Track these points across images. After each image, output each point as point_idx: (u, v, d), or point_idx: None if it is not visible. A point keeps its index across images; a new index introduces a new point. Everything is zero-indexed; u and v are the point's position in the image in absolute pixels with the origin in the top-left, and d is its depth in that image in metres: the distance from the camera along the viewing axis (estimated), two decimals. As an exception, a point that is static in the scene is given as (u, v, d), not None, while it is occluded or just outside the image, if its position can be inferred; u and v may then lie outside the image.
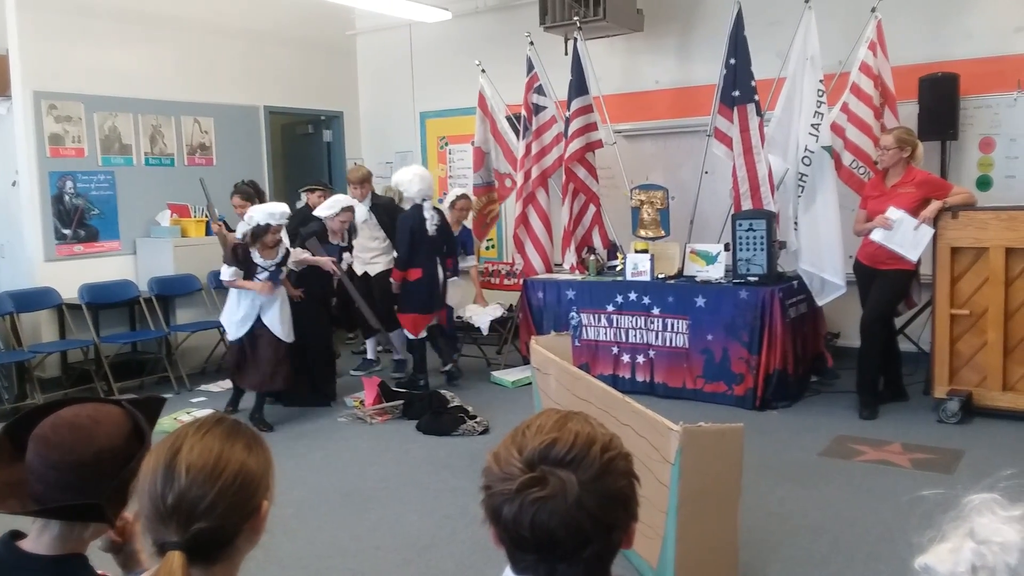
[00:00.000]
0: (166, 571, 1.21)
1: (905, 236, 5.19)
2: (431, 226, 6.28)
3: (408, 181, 6.35)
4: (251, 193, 6.70)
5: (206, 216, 7.18)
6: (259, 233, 5.51)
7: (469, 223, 7.20)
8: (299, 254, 5.94)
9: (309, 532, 3.97)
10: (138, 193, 7.26)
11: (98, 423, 1.56)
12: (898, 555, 3.40)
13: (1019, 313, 5.06)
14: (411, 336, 6.43)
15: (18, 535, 1.56)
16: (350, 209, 6.18)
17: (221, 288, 7.22)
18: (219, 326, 7.02)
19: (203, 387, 6.81)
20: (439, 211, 6.47)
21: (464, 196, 6.96)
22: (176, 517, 1.24)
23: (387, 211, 6.86)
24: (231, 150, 8.00)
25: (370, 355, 7.25)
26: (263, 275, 5.60)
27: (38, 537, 1.55)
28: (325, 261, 6.01)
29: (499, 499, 1.10)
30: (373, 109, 9.27)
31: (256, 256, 5.57)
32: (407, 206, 6.57)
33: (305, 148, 9.28)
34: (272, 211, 5.55)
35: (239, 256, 5.58)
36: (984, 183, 6.04)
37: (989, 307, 5.11)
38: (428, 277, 6.31)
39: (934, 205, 5.17)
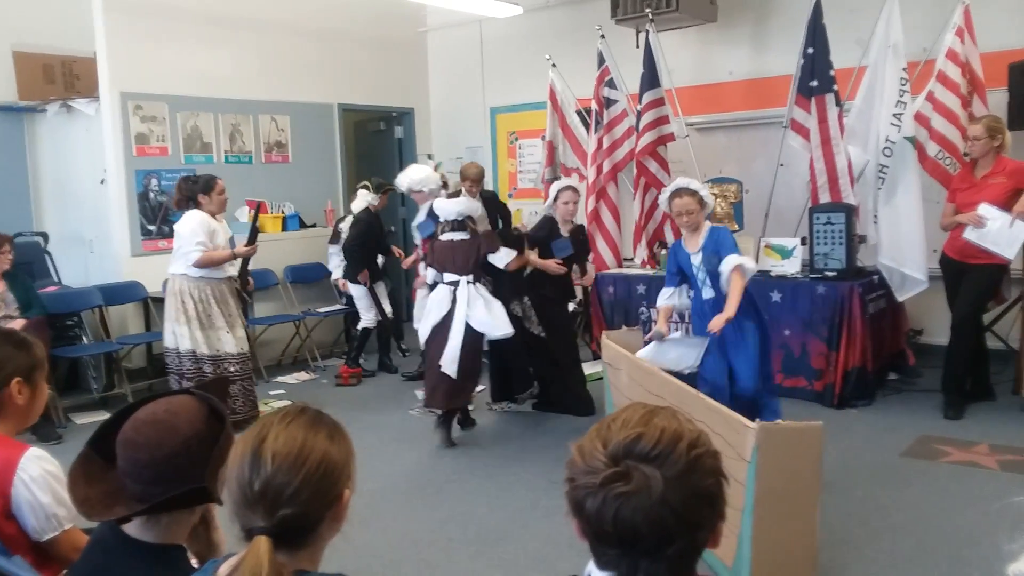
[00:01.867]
0: (254, 555, 1.24)
1: (1000, 234, 4.96)
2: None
3: (423, 179, 6.11)
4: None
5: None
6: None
7: (581, 218, 6.43)
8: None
9: (383, 523, 4.03)
10: (218, 190, 7.47)
11: (176, 414, 1.63)
12: (985, 560, 3.27)
13: (1119, 310, 4.80)
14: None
15: (124, 519, 1.62)
16: (569, 188, 5.53)
17: (298, 281, 7.44)
18: (297, 319, 7.21)
19: (280, 379, 6.98)
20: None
21: (569, 187, 5.65)
22: (263, 503, 1.27)
23: (494, 206, 6.60)
24: (306, 147, 8.17)
25: None
26: None
27: (144, 526, 1.62)
28: (549, 264, 5.46)
29: (582, 492, 1.10)
30: (443, 105, 9.35)
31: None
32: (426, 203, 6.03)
33: (377, 144, 9.42)
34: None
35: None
36: (1080, 174, 5.74)
37: (1085, 303, 4.87)
38: None
39: (1022, 202, 4.93)
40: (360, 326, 6.90)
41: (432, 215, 5.60)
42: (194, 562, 1.75)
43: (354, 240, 6.67)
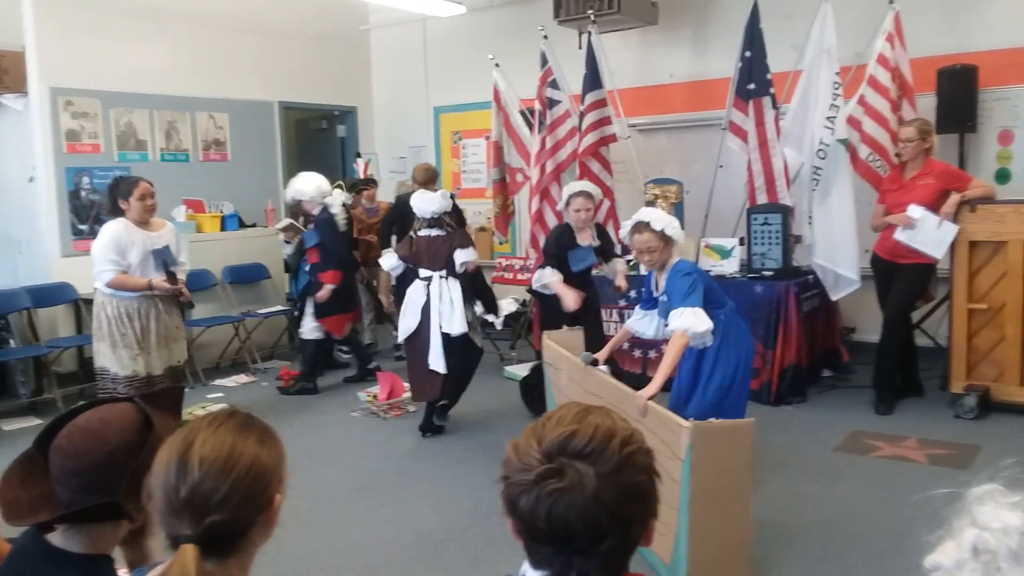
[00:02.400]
0: (180, 564, 1.22)
1: (928, 234, 5.13)
2: (342, 222, 6.40)
3: (307, 190, 6.22)
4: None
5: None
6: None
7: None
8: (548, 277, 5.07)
9: (323, 526, 3.98)
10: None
11: (108, 424, 1.59)
12: (913, 551, 3.37)
13: (1038, 308, 5.00)
14: (336, 336, 6.59)
15: (47, 528, 1.57)
16: (581, 195, 5.16)
17: (237, 282, 7.29)
18: (236, 320, 7.08)
19: (218, 382, 6.85)
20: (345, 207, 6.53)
21: (581, 193, 5.20)
22: (189, 510, 1.24)
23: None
24: (246, 145, 8.04)
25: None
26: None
27: (67, 535, 1.57)
28: (567, 296, 4.94)
29: (517, 490, 1.10)
30: (387, 104, 9.28)
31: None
32: (315, 211, 6.27)
33: (319, 143, 9.31)
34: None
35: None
36: (1003, 176, 5.98)
37: (1007, 302, 5.06)
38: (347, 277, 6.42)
39: (954, 199, 5.11)
40: (305, 337, 6.47)
41: (318, 224, 6.17)
42: (123, 572, 1.70)
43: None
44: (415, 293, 5.17)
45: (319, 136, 9.35)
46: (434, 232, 5.15)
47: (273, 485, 1.36)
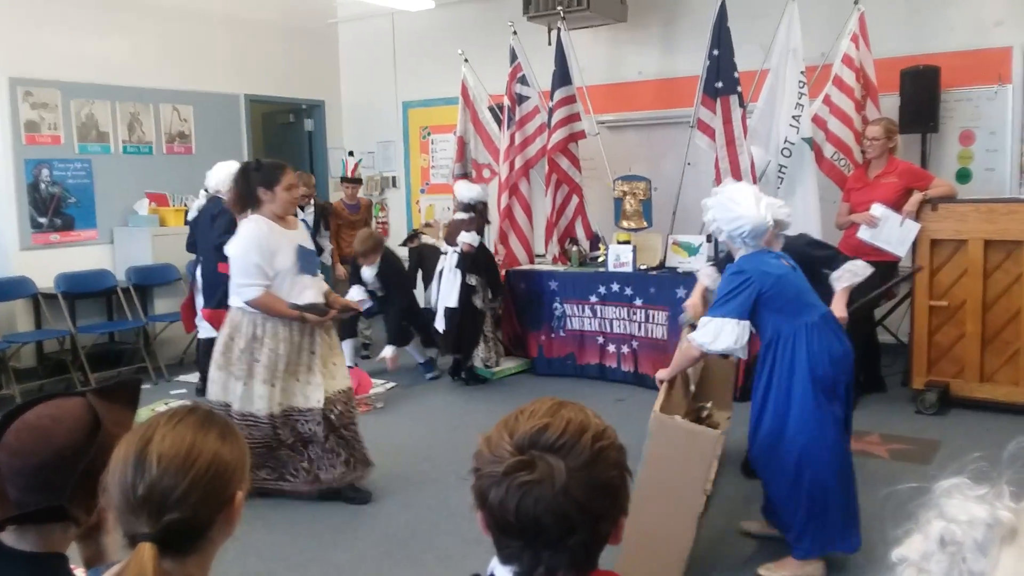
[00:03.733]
0: (137, 563, 1.19)
1: (891, 232, 5.21)
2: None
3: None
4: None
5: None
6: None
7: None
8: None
9: (288, 524, 3.94)
10: (115, 181, 7.18)
11: (57, 421, 1.53)
12: (880, 545, 3.42)
13: (997, 305, 5.10)
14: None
15: None
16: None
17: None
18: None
19: (181, 378, 6.74)
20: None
21: None
22: (147, 508, 1.22)
23: (391, 270, 6.55)
24: (211, 138, 7.92)
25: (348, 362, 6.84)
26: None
27: (18, 534, 1.53)
28: None
29: (487, 482, 1.10)
30: (355, 98, 9.21)
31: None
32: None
33: (286, 137, 9.21)
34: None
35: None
36: (964, 176, 6.09)
37: (967, 299, 5.15)
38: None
39: (916, 198, 5.19)
40: None
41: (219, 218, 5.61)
42: (80, 571, 1.66)
43: None
44: (440, 263, 6.27)
45: (286, 130, 9.25)
46: (460, 215, 6.20)
47: (234, 482, 1.33)
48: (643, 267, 6.22)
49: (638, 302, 6.09)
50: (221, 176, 5.79)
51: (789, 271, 3.24)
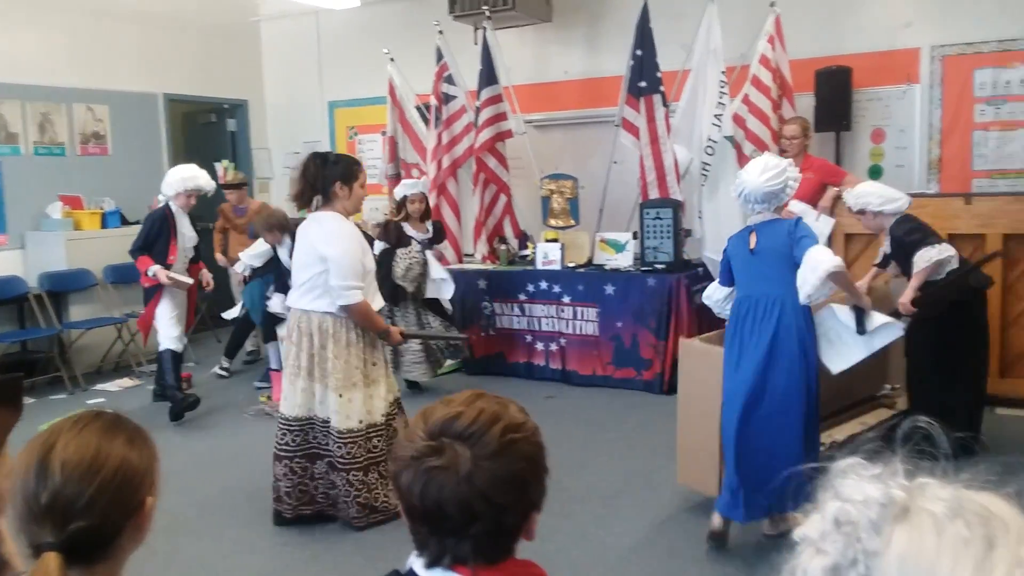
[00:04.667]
0: (42, 573, 1.15)
1: None
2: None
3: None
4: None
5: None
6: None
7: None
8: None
9: (214, 532, 3.86)
10: (26, 184, 6.89)
11: None
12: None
13: (908, 296, 5.30)
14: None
15: None
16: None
17: (120, 282, 6.96)
18: (119, 321, 6.77)
19: (100, 386, 6.52)
20: None
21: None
22: (51, 516, 1.18)
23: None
24: (128, 139, 7.68)
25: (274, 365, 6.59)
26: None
27: None
28: None
29: (399, 466, 1.12)
30: (279, 98, 9.05)
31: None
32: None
33: (208, 138, 8.98)
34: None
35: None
36: (875, 172, 6.31)
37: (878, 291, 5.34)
38: None
39: (830, 194, 5.37)
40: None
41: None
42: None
43: None
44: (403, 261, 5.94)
45: (208, 130, 9.02)
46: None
47: (144, 488, 1.30)
48: (571, 265, 6.28)
49: (566, 300, 6.15)
50: (168, 179, 5.64)
51: (737, 246, 3.54)
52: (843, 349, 3.59)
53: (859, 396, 4.64)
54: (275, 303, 5.92)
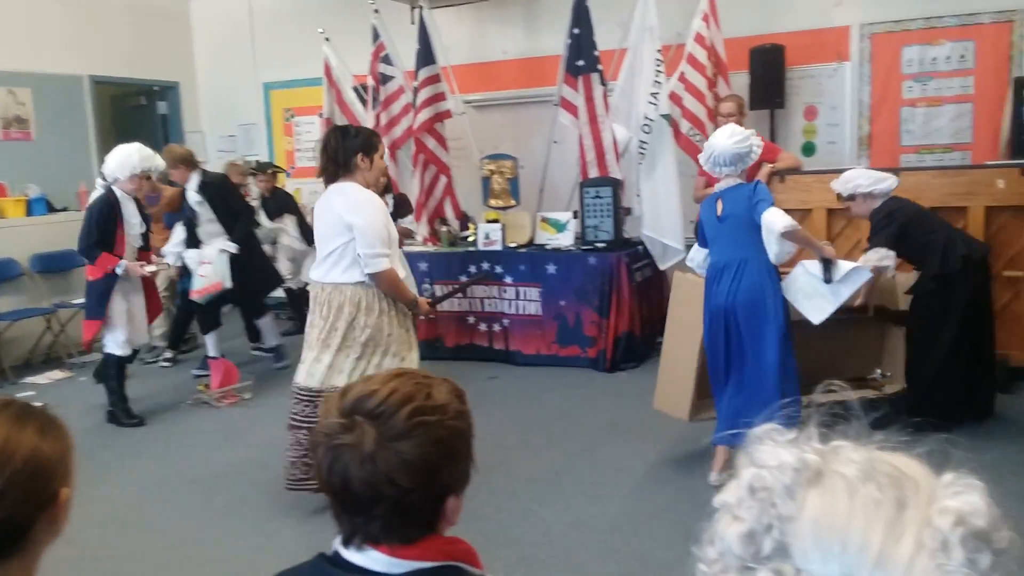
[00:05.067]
0: (-52, 571, 1.10)
1: None
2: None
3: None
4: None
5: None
6: None
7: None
8: None
9: (148, 525, 3.77)
10: (-56, 171, 6.61)
11: None
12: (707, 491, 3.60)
13: (840, 270, 5.43)
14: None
15: None
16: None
17: (48, 271, 6.74)
18: (47, 312, 6.56)
19: (30, 379, 6.31)
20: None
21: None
22: None
23: (217, 190, 5.94)
24: (53, 123, 7.40)
25: (212, 353, 6.30)
26: None
27: None
28: None
29: (315, 441, 1.11)
30: (212, 80, 8.81)
31: None
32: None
33: (138, 121, 8.71)
34: None
35: None
36: (808, 149, 6.44)
37: (815, 265, 5.46)
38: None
39: (765, 170, 5.44)
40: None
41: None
42: None
43: None
44: None
45: (138, 113, 8.75)
46: None
47: (57, 479, 1.25)
48: (512, 245, 6.27)
49: (508, 280, 6.14)
50: (118, 160, 5.06)
51: (707, 213, 3.79)
52: (819, 301, 3.82)
53: (847, 375, 4.73)
54: (190, 256, 5.87)
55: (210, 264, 5.81)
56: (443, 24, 6.93)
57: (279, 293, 7.00)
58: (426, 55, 6.66)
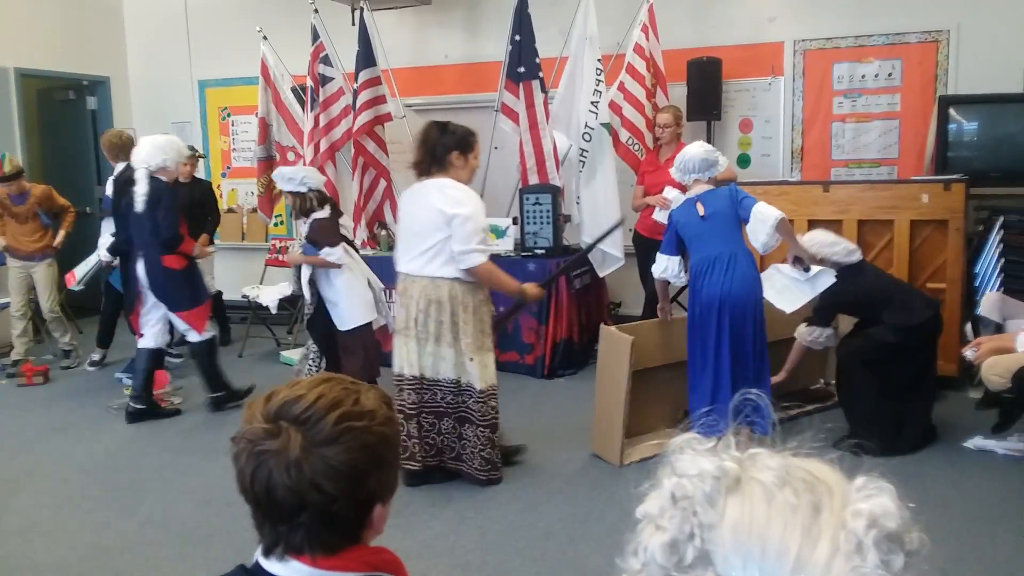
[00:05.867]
0: None
1: None
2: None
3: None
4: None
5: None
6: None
7: None
8: None
9: (69, 533, 3.64)
10: None
11: None
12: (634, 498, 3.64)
13: (773, 279, 5.56)
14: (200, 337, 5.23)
15: None
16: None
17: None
18: None
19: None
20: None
21: None
22: None
23: (120, 186, 5.50)
24: (-26, 116, 7.11)
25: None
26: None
27: None
28: None
29: (237, 447, 1.08)
30: (145, 75, 8.57)
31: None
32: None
33: (66, 116, 8.42)
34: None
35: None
36: (744, 160, 6.57)
37: (748, 274, 5.57)
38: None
39: (701, 181, 5.54)
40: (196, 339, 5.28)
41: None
42: None
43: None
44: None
45: (66, 108, 8.45)
46: (321, 214, 4.77)
47: None
48: (452, 250, 6.23)
49: (447, 285, 6.10)
50: (165, 149, 4.98)
51: (686, 216, 4.03)
52: (789, 295, 4.27)
53: (792, 387, 4.92)
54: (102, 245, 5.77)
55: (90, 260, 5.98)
56: (384, 27, 6.88)
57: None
58: (366, 57, 6.60)
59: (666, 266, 4.13)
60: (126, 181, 5.16)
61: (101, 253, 5.83)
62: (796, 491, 0.64)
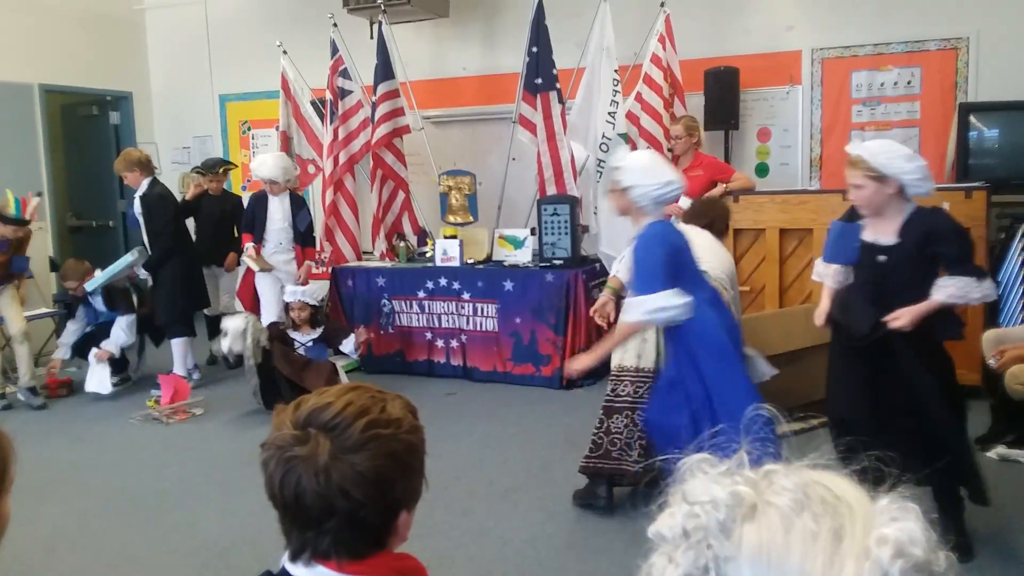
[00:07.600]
0: None
1: None
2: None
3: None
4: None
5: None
6: None
7: None
8: None
9: (96, 542, 3.67)
10: None
11: None
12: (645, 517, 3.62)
13: (792, 288, 5.53)
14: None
15: None
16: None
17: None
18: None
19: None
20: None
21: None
22: None
23: (149, 204, 5.97)
24: (1, 132, 7.22)
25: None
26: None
27: None
28: None
29: (266, 454, 1.10)
30: (167, 90, 8.70)
31: None
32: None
33: (90, 131, 8.56)
34: None
35: None
36: (762, 169, 6.56)
37: (767, 284, 5.56)
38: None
39: (718, 190, 5.55)
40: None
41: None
42: None
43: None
44: None
45: (89, 123, 8.58)
46: None
47: None
48: (470, 261, 6.27)
49: (466, 296, 6.13)
50: (282, 167, 6.06)
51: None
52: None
53: (802, 400, 4.69)
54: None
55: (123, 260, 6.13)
56: (402, 40, 6.94)
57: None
58: (385, 70, 6.66)
59: (676, 302, 3.24)
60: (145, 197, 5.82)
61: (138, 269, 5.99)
62: (815, 516, 0.61)
